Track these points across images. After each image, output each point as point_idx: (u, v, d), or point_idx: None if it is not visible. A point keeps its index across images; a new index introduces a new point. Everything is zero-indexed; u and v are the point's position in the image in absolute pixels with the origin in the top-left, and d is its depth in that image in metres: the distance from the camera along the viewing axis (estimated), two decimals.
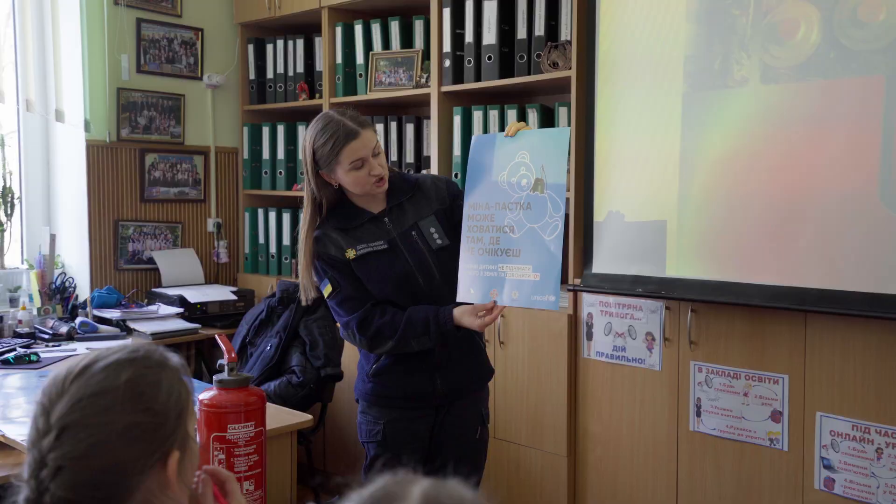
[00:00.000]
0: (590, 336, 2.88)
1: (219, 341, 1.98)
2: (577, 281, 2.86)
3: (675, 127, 2.54)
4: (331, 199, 2.09)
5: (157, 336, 3.30)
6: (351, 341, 2.10)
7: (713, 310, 2.57)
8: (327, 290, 2.08)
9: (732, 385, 2.55)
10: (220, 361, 1.97)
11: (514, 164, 2.02)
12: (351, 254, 2.05)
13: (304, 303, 2.13)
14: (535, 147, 1.99)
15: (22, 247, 3.78)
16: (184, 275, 3.92)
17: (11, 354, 2.82)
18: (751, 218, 2.39)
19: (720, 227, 2.46)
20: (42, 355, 2.90)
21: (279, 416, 2.23)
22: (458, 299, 2.04)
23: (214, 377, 1.92)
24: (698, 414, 2.62)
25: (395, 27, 3.57)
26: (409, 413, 2.13)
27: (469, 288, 2.04)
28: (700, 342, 2.62)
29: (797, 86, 2.30)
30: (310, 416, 2.25)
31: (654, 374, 2.73)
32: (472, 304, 2.01)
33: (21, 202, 3.76)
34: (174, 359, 1.07)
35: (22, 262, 3.73)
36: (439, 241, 2.09)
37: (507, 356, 3.06)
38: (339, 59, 3.73)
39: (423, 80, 3.42)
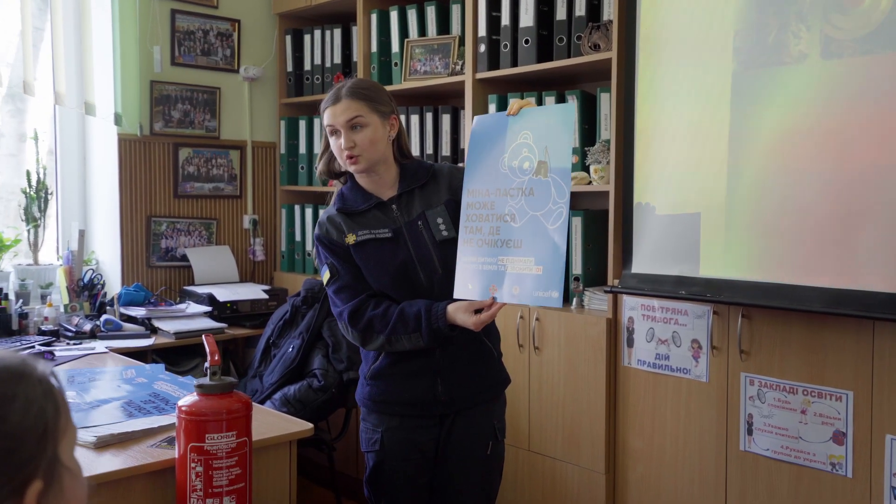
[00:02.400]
0: (630, 342, 2.62)
1: (204, 342, 1.83)
2: (616, 282, 2.61)
3: (724, 110, 2.27)
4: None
5: (180, 335, 3.19)
6: (345, 334, 1.95)
7: (766, 315, 2.29)
8: (326, 276, 1.94)
9: (788, 401, 2.26)
10: (205, 365, 1.81)
11: (516, 146, 1.81)
12: (351, 239, 1.92)
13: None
14: (538, 126, 1.78)
15: (57, 243, 3.74)
16: (217, 272, 3.81)
17: (26, 352, 2.74)
18: (809, 211, 2.10)
19: (774, 221, 2.18)
20: (58, 353, 2.82)
21: (278, 425, 2.06)
22: (455, 295, 1.85)
23: (195, 381, 1.77)
24: (749, 432, 2.34)
25: (431, 12, 3.38)
26: (409, 421, 1.95)
27: (467, 283, 1.84)
28: (752, 351, 2.33)
29: (864, 60, 2.00)
30: (310, 425, 2.06)
31: (700, 385, 2.46)
32: (469, 300, 1.82)
33: (56, 198, 3.72)
34: (40, 368, 0.87)
35: (57, 259, 3.69)
36: (445, 233, 1.91)
37: (542, 362, 2.83)
38: (374, 48, 3.56)
39: (459, 68, 3.22)
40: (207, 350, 1.80)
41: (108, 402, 2.19)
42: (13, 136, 3.65)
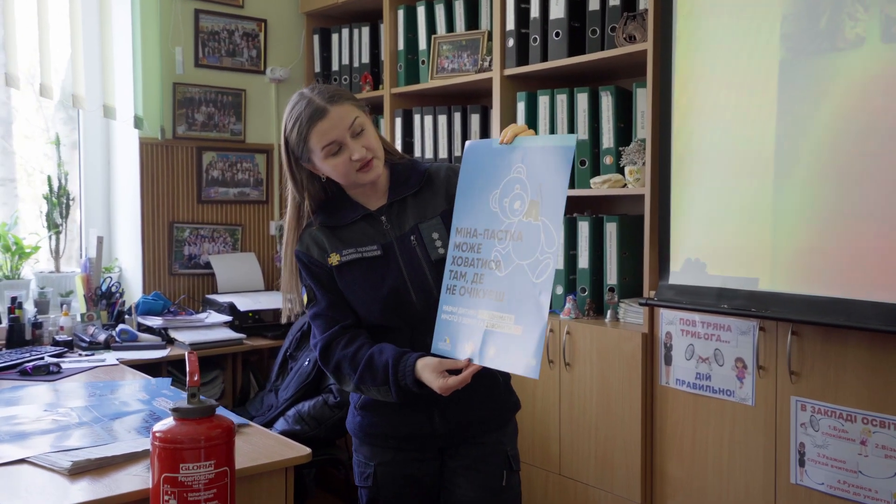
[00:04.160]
0: (668, 360, 2.39)
1: (186, 360, 1.67)
2: (652, 293, 2.39)
3: (770, 103, 2.03)
4: (316, 196, 1.71)
5: (196, 346, 3.06)
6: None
7: (819, 333, 2.04)
8: (305, 298, 1.73)
9: (846, 429, 2.00)
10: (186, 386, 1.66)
11: (509, 181, 1.56)
12: (334, 259, 1.67)
13: (283, 320, 1.80)
14: (534, 159, 1.52)
15: (81, 250, 3.66)
16: (241, 280, 3.69)
17: (31, 364, 2.63)
18: (868, 216, 1.86)
19: (828, 227, 1.93)
20: (66, 366, 2.71)
21: (273, 449, 1.89)
22: (433, 350, 1.61)
23: (171, 405, 1.61)
24: (801, 463, 2.09)
25: (459, 7, 3.19)
26: (404, 455, 1.73)
27: (444, 336, 1.60)
28: (803, 373, 2.09)
29: None
30: (307, 450, 1.89)
31: (745, 409, 2.21)
32: (444, 356, 1.58)
33: (80, 204, 3.64)
34: None
35: (80, 266, 3.61)
36: (441, 251, 1.66)
37: (573, 379, 2.62)
38: (400, 46, 3.39)
39: (487, 64, 3.03)
40: (188, 369, 1.64)
41: (99, 422, 2.06)
42: (65, 144, 3.59)
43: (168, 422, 1.60)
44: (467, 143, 1.70)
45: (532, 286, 1.47)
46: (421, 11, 3.31)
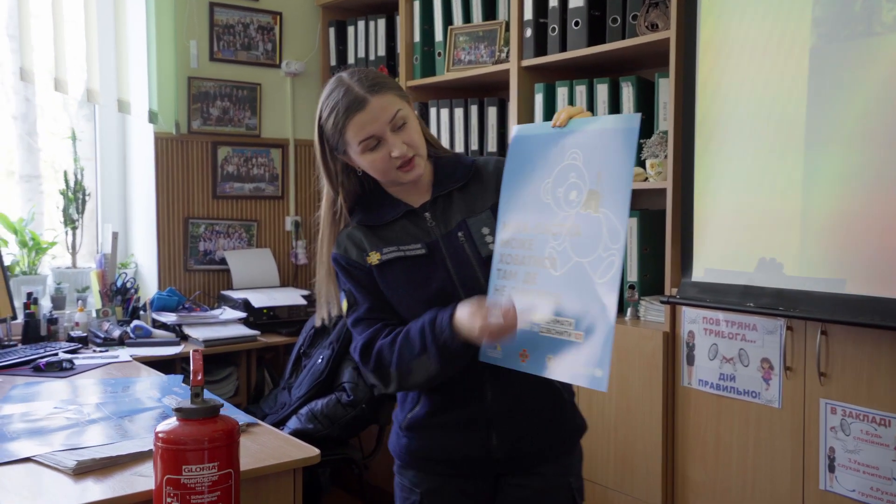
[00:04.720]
0: (691, 360, 2.31)
1: (191, 359, 1.62)
2: (674, 291, 2.31)
3: (800, 93, 1.94)
4: (352, 190, 1.59)
5: (210, 343, 3.03)
6: (367, 380, 1.64)
7: (850, 333, 1.95)
8: (344, 305, 1.59)
9: (878, 434, 1.92)
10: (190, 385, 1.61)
11: (563, 168, 1.39)
12: (374, 258, 1.53)
13: (317, 324, 1.70)
14: (591, 144, 1.36)
15: (98, 245, 3.64)
16: (257, 277, 3.65)
17: (45, 360, 2.60)
18: None
19: (860, 222, 1.84)
20: (79, 362, 2.68)
21: (281, 450, 1.84)
22: (481, 357, 1.46)
23: (174, 405, 1.56)
24: (831, 468, 2.01)
25: None
26: (455, 481, 1.58)
27: (494, 343, 1.44)
28: (833, 374, 2.00)
29: None
30: (316, 451, 1.84)
31: (772, 412, 2.13)
32: (498, 355, 1.45)
33: (97, 199, 3.62)
34: None
35: (95, 262, 3.59)
36: (493, 246, 1.50)
37: None
38: (417, 38, 3.33)
39: (504, 56, 2.96)
40: (192, 368, 1.59)
41: (111, 420, 2.02)
42: (89, 141, 3.58)
43: (171, 422, 1.55)
44: (515, 127, 1.55)
45: (595, 286, 1.32)
46: (437, 2, 3.25)
